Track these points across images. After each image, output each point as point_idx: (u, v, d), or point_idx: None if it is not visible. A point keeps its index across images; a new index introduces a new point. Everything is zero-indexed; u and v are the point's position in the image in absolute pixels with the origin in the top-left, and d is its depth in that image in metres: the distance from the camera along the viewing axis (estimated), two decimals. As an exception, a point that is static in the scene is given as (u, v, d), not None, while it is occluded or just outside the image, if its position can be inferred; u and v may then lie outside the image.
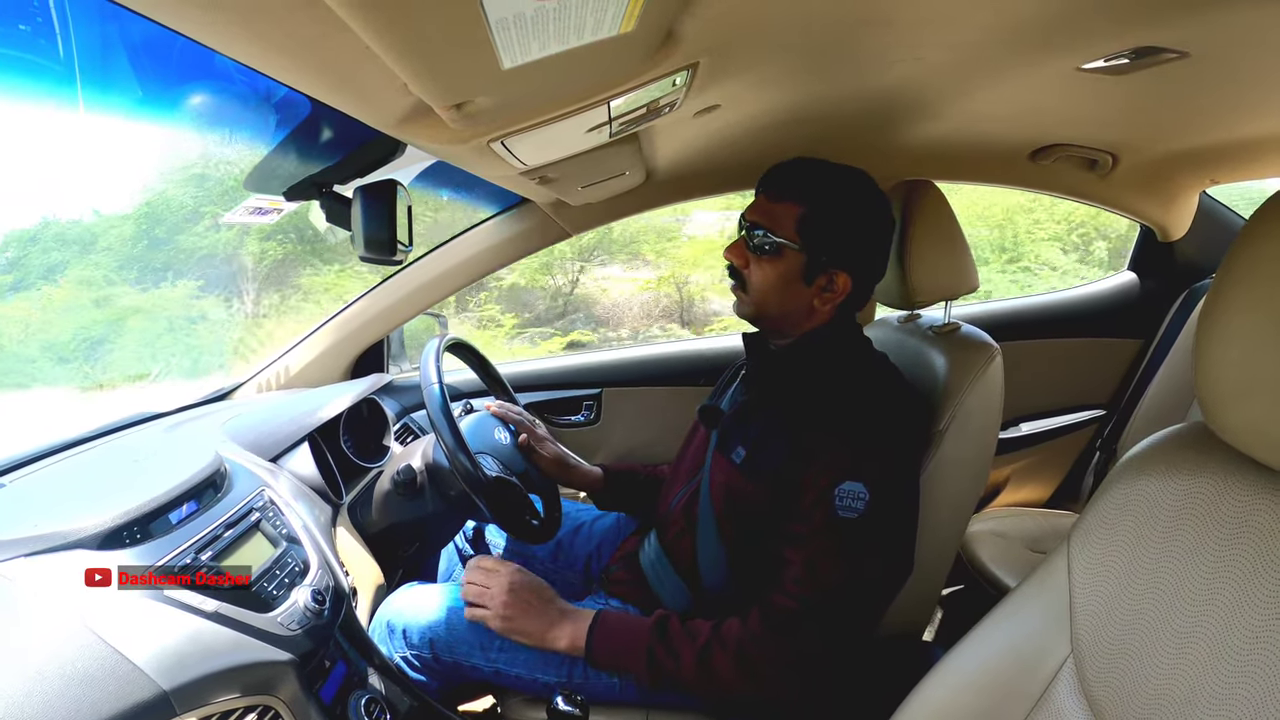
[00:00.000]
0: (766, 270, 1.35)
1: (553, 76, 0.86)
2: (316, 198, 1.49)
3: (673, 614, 1.31)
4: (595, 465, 1.81)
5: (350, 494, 1.71)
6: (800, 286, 1.35)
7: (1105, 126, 1.86)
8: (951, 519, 1.47)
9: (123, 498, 1.08)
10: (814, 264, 1.34)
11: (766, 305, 1.38)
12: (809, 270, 1.34)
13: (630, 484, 1.80)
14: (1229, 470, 0.76)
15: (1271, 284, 0.67)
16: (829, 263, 1.34)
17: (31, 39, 0.95)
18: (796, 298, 1.36)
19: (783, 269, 1.34)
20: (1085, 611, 0.84)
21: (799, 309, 1.37)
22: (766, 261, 1.35)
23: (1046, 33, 1.15)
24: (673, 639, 1.26)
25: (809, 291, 1.36)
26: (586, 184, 1.69)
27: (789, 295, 1.36)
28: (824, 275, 1.35)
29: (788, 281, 1.35)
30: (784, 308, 1.38)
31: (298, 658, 1.07)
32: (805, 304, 1.37)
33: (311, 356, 2.16)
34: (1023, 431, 2.53)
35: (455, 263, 2.15)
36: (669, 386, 2.40)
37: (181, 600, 1.00)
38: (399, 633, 1.48)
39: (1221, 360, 0.72)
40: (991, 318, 2.52)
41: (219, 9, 0.59)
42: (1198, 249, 2.48)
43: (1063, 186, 2.27)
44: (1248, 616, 0.69)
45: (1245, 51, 1.21)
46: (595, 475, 1.78)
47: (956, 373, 1.44)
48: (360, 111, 0.92)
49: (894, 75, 1.38)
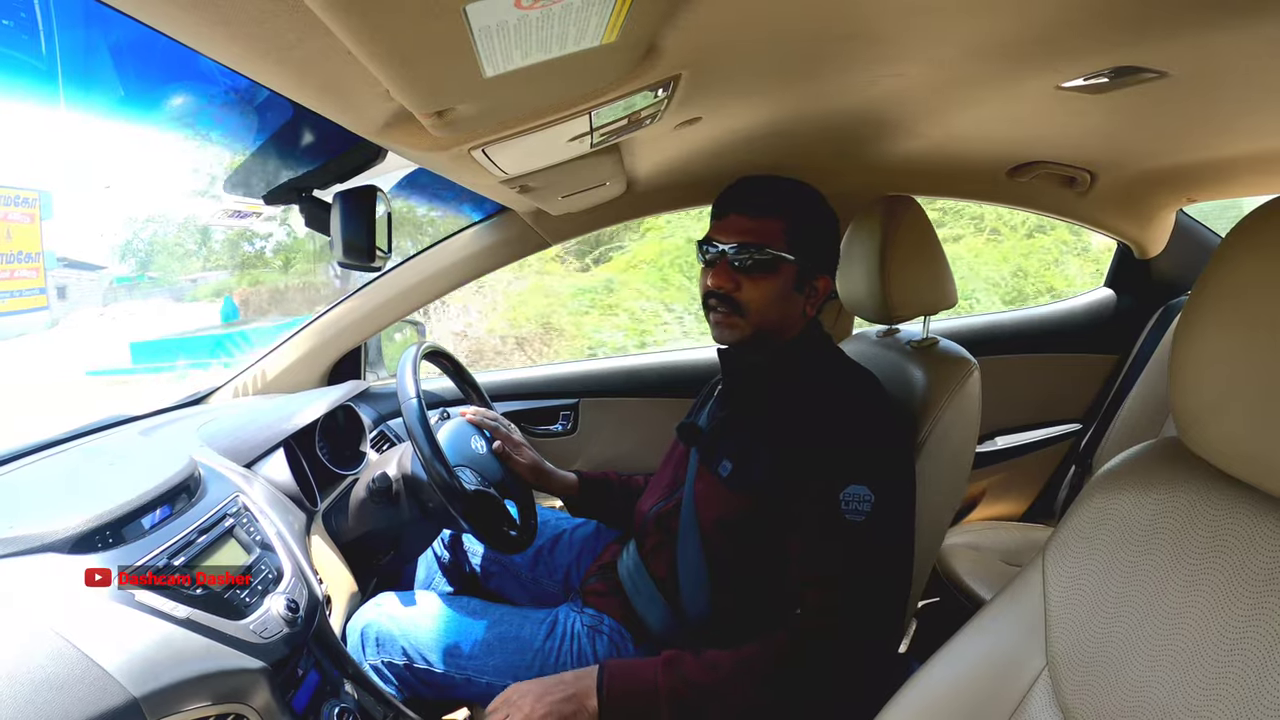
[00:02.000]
0: (763, 287, 1.35)
1: (535, 86, 0.86)
2: (296, 202, 1.49)
3: (680, 651, 1.25)
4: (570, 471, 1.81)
5: (325, 501, 1.69)
6: (795, 296, 1.37)
7: (1084, 145, 1.88)
8: (928, 532, 1.47)
9: (95, 501, 1.06)
10: (805, 271, 1.36)
11: (767, 321, 1.38)
12: (801, 278, 1.36)
13: (605, 491, 1.79)
14: (1203, 485, 0.77)
15: (1246, 301, 0.68)
16: (814, 269, 1.36)
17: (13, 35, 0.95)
18: (792, 308, 1.38)
19: (780, 282, 1.35)
20: (1060, 624, 0.84)
21: (792, 320, 1.39)
22: (761, 278, 1.35)
23: (1026, 51, 1.17)
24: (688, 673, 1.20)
25: (801, 300, 1.38)
26: (567, 194, 1.70)
27: (786, 307, 1.38)
28: (810, 282, 1.37)
29: (785, 293, 1.36)
30: (781, 320, 1.39)
31: (270, 666, 1.06)
32: (797, 313, 1.39)
33: (288, 362, 2.14)
34: (999, 446, 2.54)
35: (434, 270, 2.14)
36: (646, 398, 2.40)
37: (153, 606, 0.98)
38: (373, 640, 1.47)
39: (1197, 376, 0.73)
40: (969, 333, 2.54)
41: (201, 10, 0.59)
42: (1174, 266, 2.51)
43: (1041, 203, 2.29)
44: (1223, 628, 0.69)
45: (1223, 72, 1.23)
46: (570, 481, 1.77)
47: (934, 387, 1.45)
48: (341, 117, 0.91)
49: (875, 91, 1.39)
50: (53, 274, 17.53)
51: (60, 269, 17.67)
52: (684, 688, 1.18)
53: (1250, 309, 0.68)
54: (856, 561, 1.19)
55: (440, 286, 2.17)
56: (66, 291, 18.13)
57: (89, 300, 17.78)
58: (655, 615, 1.42)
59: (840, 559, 1.19)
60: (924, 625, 2.27)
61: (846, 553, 1.19)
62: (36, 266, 16.35)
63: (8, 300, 16.32)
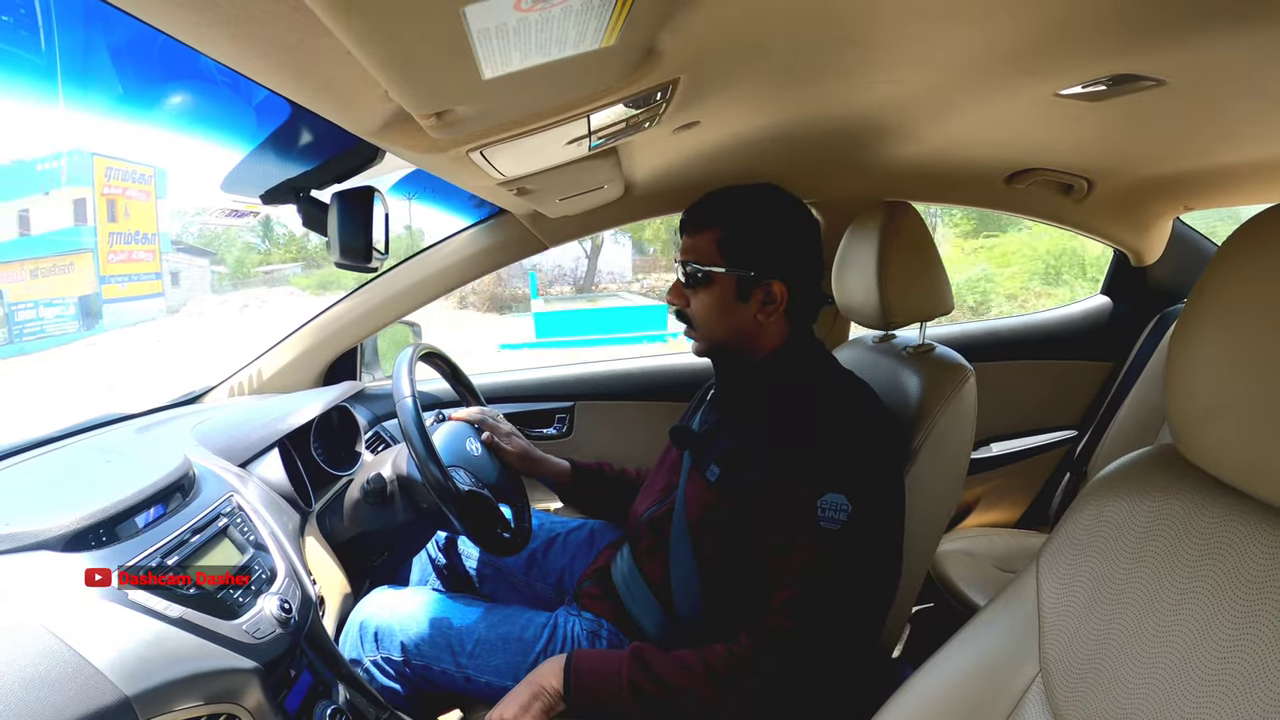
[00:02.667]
0: (704, 299, 1.39)
1: (533, 88, 0.86)
2: (293, 202, 1.48)
3: (648, 646, 1.28)
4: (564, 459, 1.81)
5: (319, 502, 1.69)
6: (739, 306, 1.37)
7: (1081, 152, 1.88)
8: (922, 538, 1.47)
9: (89, 499, 1.06)
10: (744, 280, 1.36)
11: (715, 333, 1.40)
12: (741, 288, 1.36)
13: (597, 481, 1.80)
14: (1198, 493, 0.77)
15: (1243, 310, 0.68)
16: (759, 275, 1.35)
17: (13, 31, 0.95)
18: (739, 318, 1.38)
19: (718, 293, 1.37)
20: (1054, 630, 0.84)
21: (746, 329, 1.39)
22: (702, 291, 1.38)
23: (1025, 58, 1.17)
24: (653, 666, 1.23)
25: (749, 309, 1.37)
26: (564, 196, 1.70)
27: (732, 318, 1.38)
28: (759, 289, 1.36)
29: (725, 304, 1.37)
30: (732, 332, 1.39)
31: (263, 666, 1.06)
32: (749, 322, 1.38)
33: (284, 362, 2.14)
34: (994, 452, 2.55)
35: (431, 272, 2.14)
36: (641, 401, 2.41)
37: (145, 605, 0.98)
38: (371, 636, 1.47)
39: (1192, 384, 0.73)
40: (966, 339, 2.55)
41: (201, 9, 0.59)
42: (1170, 274, 2.52)
43: (1038, 210, 2.30)
44: (1216, 635, 0.69)
45: (1221, 80, 1.23)
46: (562, 467, 1.78)
47: (930, 393, 1.45)
48: (340, 117, 0.91)
49: (873, 96, 1.39)
50: (167, 258, 17.30)
51: (174, 253, 17.51)
52: (646, 681, 1.21)
53: (1246, 317, 0.68)
54: (825, 569, 1.19)
55: (436, 288, 2.17)
56: (179, 277, 17.98)
57: (199, 288, 17.68)
58: (650, 619, 1.42)
59: (810, 565, 1.19)
60: (918, 631, 2.28)
61: (817, 559, 1.19)
62: (153, 249, 16.11)
63: (127, 285, 16.08)
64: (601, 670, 1.25)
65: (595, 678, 1.25)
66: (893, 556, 1.32)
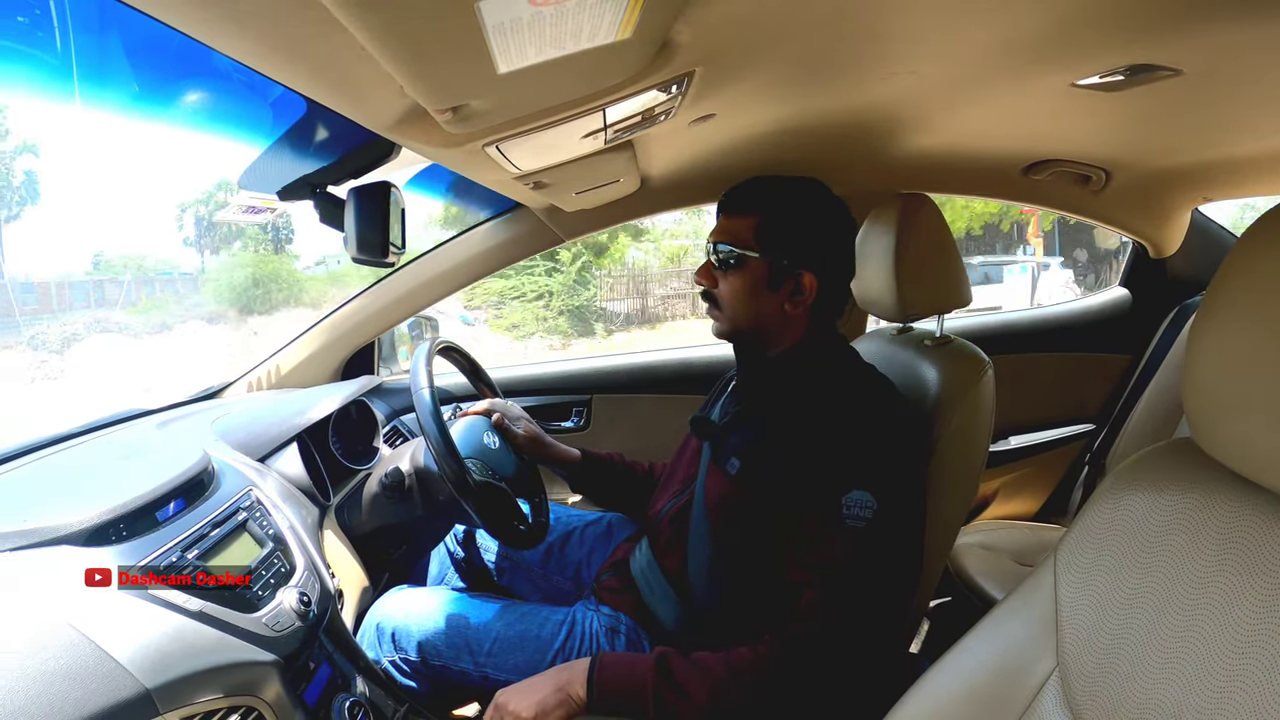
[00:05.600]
0: (733, 282, 1.37)
1: (549, 82, 0.86)
2: (310, 198, 1.49)
3: (673, 651, 1.25)
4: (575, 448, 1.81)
5: (338, 496, 1.70)
6: (768, 294, 1.36)
7: (1099, 143, 1.87)
8: (940, 531, 1.46)
9: (110, 494, 1.07)
10: (776, 268, 1.35)
11: (739, 318, 1.39)
12: (773, 275, 1.35)
13: (608, 471, 1.79)
14: (1216, 487, 0.76)
15: (1262, 302, 0.68)
16: (791, 265, 1.35)
17: (30, 31, 0.95)
18: (767, 305, 1.37)
19: (748, 278, 1.36)
20: (1071, 625, 0.84)
21: (772, 317, 1.38)
22: (733, 274, 1.37)
23: (1041, 49, 1.16)
24: (676, 674, 1.21)
25: (777, 297, 1.36)
26: (580, 190, 1.70)
27: (759, 304, 1.37)
28: (789, 279, 1.35)
29: (755, 290, 1.36)
30: (757, 318, 1.38)
31: (282, 659, 1.06)
32: (776, 311, 1.37)
33: (302, 357, 2.16)
34: (1012, 445, 2.54)
35: (447, 267, 2.15)
36: (658, 394, 2.41)
37: (166, 599, 0.99)
38: (388, 636, 1.47)
39: (1211, 377, 0.72)
40: (984, 331, 2.54)
41: (217, 7, 0.59)
42: (1189, 266, 2.50)
43: (1056, 201, 2.28)
44: (1234, 629, 0.69)
45: (1240, 70, 1.22)
46: (573, 455, 1.77)
47: (948, 386, 1.44)
48: (355, 113, 0.92)
49: (889, 88, 1.38)
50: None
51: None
52: (670, 691, 1.19)
53: (1266, 309, 0.67)
54: (852, 567, 1.18)
55: (453, 283, 2.17)
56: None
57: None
58: (668, 612, 1.42)
59: (837, 563, 1.18)
60: (935, 625, 2.27)
61: (843, 557, 1.18)
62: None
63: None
64: (625, 682, 1.23)
65: (619, 692, 1.22)
66: (915, 552, 1.32)
